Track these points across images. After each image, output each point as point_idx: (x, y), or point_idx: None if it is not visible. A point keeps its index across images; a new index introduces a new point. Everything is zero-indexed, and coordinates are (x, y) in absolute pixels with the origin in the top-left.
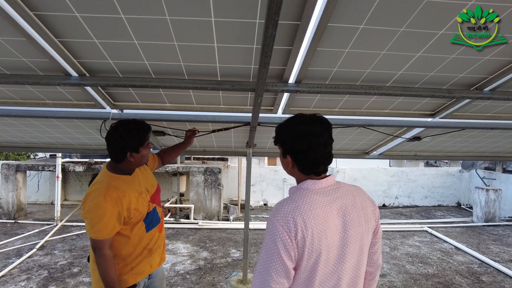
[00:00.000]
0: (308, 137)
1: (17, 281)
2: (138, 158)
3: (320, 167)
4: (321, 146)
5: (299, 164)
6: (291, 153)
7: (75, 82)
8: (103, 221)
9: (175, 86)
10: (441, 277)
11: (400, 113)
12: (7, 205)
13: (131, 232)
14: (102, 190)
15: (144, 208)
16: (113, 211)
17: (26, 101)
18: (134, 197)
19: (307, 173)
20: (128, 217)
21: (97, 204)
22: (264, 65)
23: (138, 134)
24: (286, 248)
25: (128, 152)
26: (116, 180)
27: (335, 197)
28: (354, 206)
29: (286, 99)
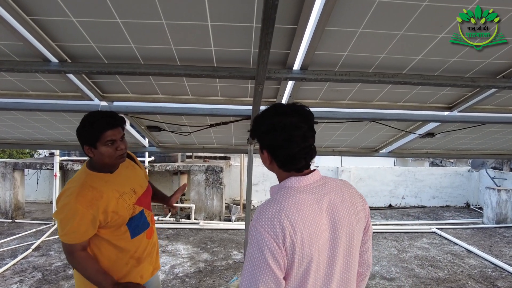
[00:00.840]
0: (284, 129)
1: (9, 283)
2: (98, 155)
3: (299, 163)
4: (298, 140)
5: (277, 160)
6: (267, 148)
7: (55, 68)
8: (73, 224)
9: (165, 73)
10: (453, 281)
11: (415, 106)
12: (4, 204)
13: (112, 238)
14: (75, 189)
15: (125, 211)
16: (85, 213)
17: (8, 92)
18: (114, 198)
19: (287, 170)
20: (105, 220)
21: (67, 204)
22: (265, 44)
23: (91, 127)
24: (275, 256)
25: (85, 146)
26: (93, 178)
27: (322, 194)
28: (343, 202)
29: (290, 89)
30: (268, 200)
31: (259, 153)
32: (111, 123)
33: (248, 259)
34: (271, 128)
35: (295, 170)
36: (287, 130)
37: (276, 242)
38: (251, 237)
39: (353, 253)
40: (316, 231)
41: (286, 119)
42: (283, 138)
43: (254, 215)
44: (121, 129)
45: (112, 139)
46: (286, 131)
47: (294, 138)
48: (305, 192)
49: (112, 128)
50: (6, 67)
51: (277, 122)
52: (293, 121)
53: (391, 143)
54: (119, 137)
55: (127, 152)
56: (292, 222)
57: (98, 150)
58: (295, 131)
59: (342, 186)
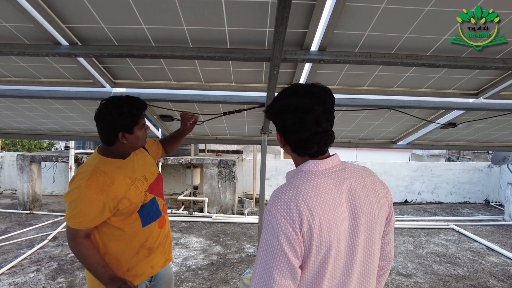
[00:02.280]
0: (294, 112)
1: (26, 272)
2: (132, 140)
3: (311, 148)
4: (309, 124)
5: (290, 144)
6: (279, 130)
7: (66, 51)
8: (80, 208)
9: (177, 55)
10: (473, 279)
11: (438, 93)
12: (22, 196)
13: (123, 225)
14: (86, 174)
15: (138, 198)
16: (95, 199)
17: (21, 79)
18: (125, 184)
19: (301, 154)
20: (115, 207)
21: (78, 188)
22: (282, 20)
23: (131, 112)
24: (291, 243)
25: (120, 132)
26: (105, 163)
27: (342, 179)
28: (364, 188)
29: (306, 73)
30: (284, 184)
31: (276, 136)
32: (144, 105)
33: (262, 246)
34: (282, 110)
35: (308, 155)
36: (298, 113)
37: (293, 227)
38: (266, 222)
39: (374, 244)
40: (335, 217)
41: (298, 100)
42: (293, 121)
43: (269, 200)
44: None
45: (144, 121)
46: (297, 114)
47: (305, 122)
48: (324, 176)
49: (145, 111)
50: (17, 50)
51: (288, 103)
52: (305, 103)
53: (410, 134)
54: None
55: None
56: (310, 207)
57: (134, 134)
58: (306, 114)
59: (364, 172)
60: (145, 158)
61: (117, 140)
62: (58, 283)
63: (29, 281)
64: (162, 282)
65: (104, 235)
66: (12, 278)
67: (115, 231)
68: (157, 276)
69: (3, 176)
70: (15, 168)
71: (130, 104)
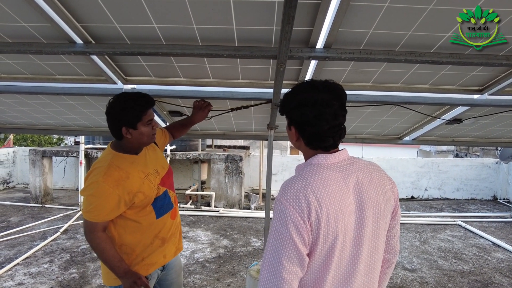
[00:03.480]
0: (314, 105)
1: (40, 263)
2: (137, 135)
3: (327, 141)
4: (329, 117)
5: (305, 137)
6: (295, 124)
7: (80, 50)
8: (98, 202)
9: (187, 53)
10: (478, 274)
11: (442, 89)
12: (34, 190)
13: (138, 218)
14: (102, 169)
15: (151, 191)
16: (112, 193)
17: (36, 76)
18: (139, 178)
19: (314, 148)
20: (131, 201)
21: (95, 182)
22: (288, 19)
23: (134, 108)
24: (299, 231)
25: (124, 127)
26: (119, 159)
27: (349, 172)
28: (371, 182)
29: (312, 70)
30: (294, 176)
31: (287, 130)
32: (150, 102)
33: (272, 233)
34: (301, 104)
35: (322, 148)
36: (318, 106)
37: (301, 216)
38: (276, 211)
39: (380, 236)
40: (342, 208)
41: (318, 95)
42: (313, 115)
43: (279, 190)
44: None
45: (151, 119)
46: (317, 108)
47: (324, 115)
48: (332, 169)
49: (151, 107)
50: (34, 49)
51: (308, 97)
52: (324, 98)
53: (416, 129)
54: (153, 116)
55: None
56: (318, 197)
57: (138, 130)
58: (326, 108)
59: (371, 167)
60: (156, 152)
61: (123, 135)
62: (71, 274)
63: (43, 272)
64: (172, 271)
65: (120, 227)
66: (27, 268)
67: (131, 223)
68: (168, 265)
69: (16, 171)
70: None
71: (134, 100)
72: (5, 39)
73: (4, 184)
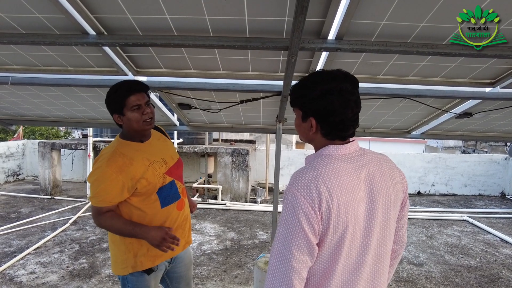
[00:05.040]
0: (340, 94)
1: (51, 253)
2: (126, 122)
3: (349, 129)
4: (353, 105)
5: (325, 127)
6: (316, 115)
7: (93, 41)
8: (102, 187)
9: (199, 44)
10: (485, 270)
11: (453, 82)
12: (44, 182)
13: (143, 206)
14: (107, 155)
15: (155, 179)
16: (115, 178)
17: (48, 68)
18: (143, 165)
19: (332, 138)
20: (133, 186)
21: (99, 168)
22: (302, 9)
23: (116, 93)
24: (309, 221)
25: (114, 114)
26: (124, 146)
27: (361, 164)
28: (382, 174)
29: (323, 62)
30: (305, 166)
31: (297, 123)
32: (133, 88)
33: (282, 223)
34: (326, 93)
35: (340, 138)
36: (344, 94)
37: (312, 206)
38: (286, 201)
39: (389, 227)
40: (353, 199)
41: (341, 84)
42: (339, 103)
43: (289, 180)
44: (145, 94)
45: (138, 104)
46: (343, 96)
47: (349, 103)
48: (343, 160)
49: (135, 93)
50: (48, 40)
51: (333, 86)
52: (348, 86)
53: (425, 123)
54: (144, 102)
55: (158, 126)
56: (329, 188)
57: (125, 116)
58: (351, 96)
59: (381, 158)
60: (167, 143)
61: (117, 122)
62: (81, 264)
63: (54, 261)
64: (181, 264)
65: (125, 216)
66: (38, 258)
67: (136, 211)
68: (177, 258)
69: (25, 163)
70: (36, 155)
71: (117, 88)
72: (20, 30)
73: (14, 176)
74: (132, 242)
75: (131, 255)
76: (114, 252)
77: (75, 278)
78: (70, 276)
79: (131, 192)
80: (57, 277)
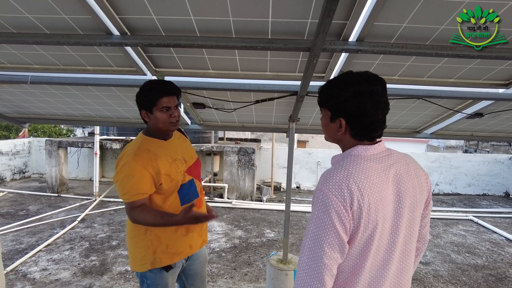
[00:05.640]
0: (372, 95)
1: (61, 250)
2: (153, 120)
3: (378, 130)
4: (383, 107)
5: (355, 128)
6: (346, 116)
7: (117, 41)
8: (133, 181)
9: (222, 45)
10: (492, 269)
11: (467, 83)
12: (50, 180)
13: (164, 204)
14: (132, 151)
15: (178, 176)
16: (144, 172)
17: (68, 67)
18: (167, 162)
19: (361, 138)
20: (158, 181)
21: (127, 163)
22: (329, 12)
23: (149, 92)
24: (341, 219)
25: (142, 110)
26: (148, 142)
27: (388, 164)
28: (408, 174)
29: (341, 63)
30: (334, 166)
31: (324, 123)
32: (168, 91)
33: (313, 222)
34: (358, 94)
35: (368, 138)
36: (375, 96)
37: (344, 205)
38: (317, 200)
39: (415, 226)
40: (382, 198)
41: (373, 86)
42: (371, 105)
43: (320, 180)
44: (176, 98)
45: (167, 106)
46: (374, 98)
47: (380, 104)
48: (372, 160)
49: (168, 96)
50: (73, 40)
51: (365, 88)
52: (378, 88)
53: (435, 123)
54: (174, 105)
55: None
56: (360, 188)
57: (153, 115)
58: (381, 97)
59: (407, 159)
60: (186, 143)
61: (143, 117)
62: (92, 261)
63: (65, 258)
64: (197, 262)
65: None
66: (50, 255)
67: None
68: (193, 256)
69: (31, 161)
70: (41, 153)
71: (151, 87)
72: (44, 30)
73: (20, 174)
74: (152, 239)
75: (150, 252)
76: (132, 248)
77: (87, 275)
78: (82, 273)
79: (157, 186)
80: (69, 273)
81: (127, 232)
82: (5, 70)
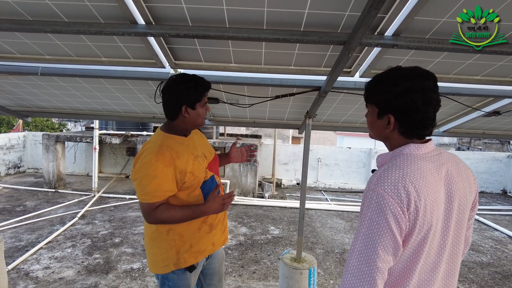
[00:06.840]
0: (423, 92)
1: (63, 247)
2: (193, 116)
3: (428, 128)
4: (435, 104)
5: (404, 125)
6: (395, 112)
7: (142, 31)
8: (155, 182)
9: (253, 37)
10: (497, 266)
11: (492, 81)
12: (48, 175)
13: (188, 201)
14: (154, 149)
15: (201, 173)
16: (166, 171)
17: (81, 58)
18: (190, 159)
19: (410, 136)
20: (182, 180)
21: (148, 162)
22: (377, 5)
23: (196, 88)
24: (398, 221)
25: (184, 105)
26: (170, 139)
27: (440, 163)
28: (459, 174)
29: (371, 57)
30: (387, 165)
31: (370, 120)
32: (208, 86)
33: (366, 223)
34: (409, 90)
35: (418, 136)
36: (427, 92)
37: (401, 207)
38: (371, 201)
39: (462, 227)
40: (436, 199)
41: (424, 81)
42: (422, 101)
43: (372, 180)
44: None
45: (206, 101)
46: (426, 94)
47: (432, 101)
48: (425, 159)
49: (208, 91)
50: (95, 29)
51: (417, 84)
52: (430, 84)
53: (450, 121)
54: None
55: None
56: (417, 188)
57: (195, 110)
58: (433, 94)
59: (456, 159)
60: (203, 139)
61: (180, 114)
62: (95, 259)
63: (68, 256)
64: (216, 260)
65: None
66: (51, 253)
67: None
68: (212, 254)
69: (26, 155)
70: (37, 148)
71: (196, 81)
72: (63, 18)
73: (15, 169)
74: (175, 238)
75: (173, 252)
76: (153, 250)
77: (91, 274)
78: (86, 271)
79: (179, 186)
80: (73, 272)
81: (146, 234)
82: (14, 61)
